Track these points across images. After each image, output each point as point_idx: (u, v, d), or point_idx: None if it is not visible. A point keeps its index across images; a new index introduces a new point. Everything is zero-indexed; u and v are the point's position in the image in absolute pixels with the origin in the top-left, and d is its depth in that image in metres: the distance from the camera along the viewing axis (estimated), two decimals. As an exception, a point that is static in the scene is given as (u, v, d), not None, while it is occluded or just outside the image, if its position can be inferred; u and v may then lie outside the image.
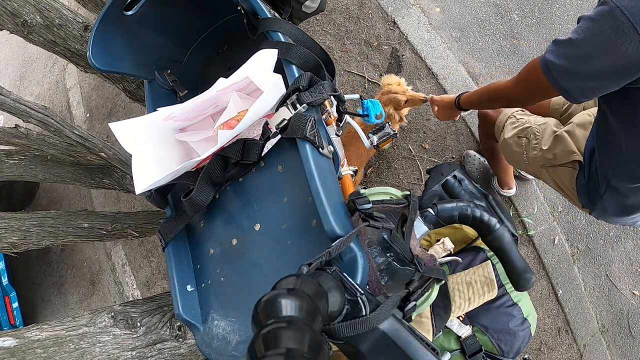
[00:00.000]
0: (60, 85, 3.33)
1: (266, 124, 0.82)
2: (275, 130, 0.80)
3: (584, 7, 1.95)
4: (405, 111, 1.62)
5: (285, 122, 0.78)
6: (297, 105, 0.78)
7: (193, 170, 0.92)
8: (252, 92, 0.97)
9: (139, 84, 1.86)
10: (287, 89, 0.80)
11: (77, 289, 3.14)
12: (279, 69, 0.82)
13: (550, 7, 1.98)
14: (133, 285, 2.77)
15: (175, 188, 0.99)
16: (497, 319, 0.94)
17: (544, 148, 1.13)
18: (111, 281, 2.90)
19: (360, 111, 1.27)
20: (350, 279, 0.61)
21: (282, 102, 0.79)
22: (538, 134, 1.16)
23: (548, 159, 1.13)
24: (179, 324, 1.30)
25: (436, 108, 1.36)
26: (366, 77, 2.09)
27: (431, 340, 0.69)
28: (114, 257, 2.87)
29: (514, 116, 1.26)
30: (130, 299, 2.72)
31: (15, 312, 2.98)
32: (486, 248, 0.98)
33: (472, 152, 1.85)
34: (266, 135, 0.82)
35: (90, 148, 1.80)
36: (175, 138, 0.99)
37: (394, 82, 1.53)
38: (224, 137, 0.82)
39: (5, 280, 3.00)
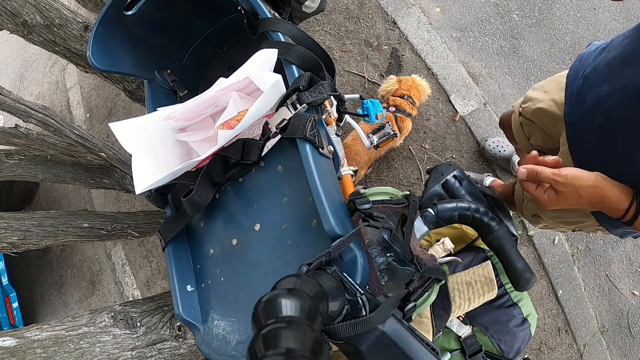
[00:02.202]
0: (60, 85, 3.32)
1: (266, 124, 0.82)
2: (275, 130, 0.80)
3: (584, 7, 1.95)
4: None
5: (285, 122, 0.78)
6: (297, 105, 0.77)
7: (193, 170, 0.92)
8: (252, 92, 0.97)
9: (139, 84, 1.86)
10: (287, 89, 0.80)
11: (77, 289, 3.14)
12: (279, 69, 0.82)
13: (550, 7, 1.99)
14: (133, 285, 2.76)
15: (175, 188, 0.99)
16: (497, 319, 0.94)
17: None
18: (111, 281, 2.90)
19: (360, 111, 1.28)
20: (350, 279, 0.61)
21: (282, 102, 0.79)
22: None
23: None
24: (179, 324, 1.30)
25: (543, 193, 0.69)
26: (366, 77, 2.09)
27: (431, 340, 0.69)
28: (114, 257, 2.87)
29: (525, 197, 1.11)
30: (130, 299, 2.72)
31: (15, 312, 2.98)
32: (486, 248, 0.98)
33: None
34: (266, 135, 0.82)
35: (90, 148, 1.80)
36: (175, 138, 0.99)
37: (420, 86, 1.75)
38: (224, 137, 0.82)
39: (5, 280, 3.00)
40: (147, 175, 0.84)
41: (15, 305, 2.99)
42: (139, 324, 1.22)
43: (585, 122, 0.61)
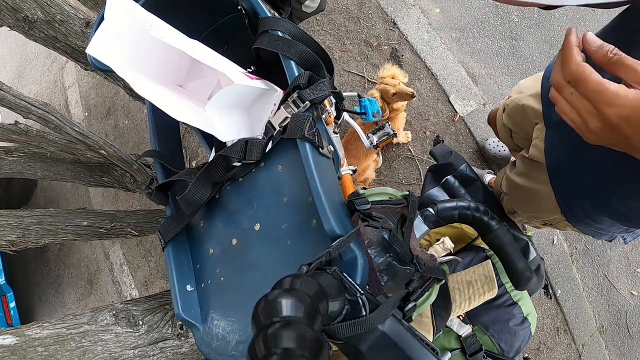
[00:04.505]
0: (58, 84, 3.32)
1: (269, 122, 0.82)
2: (279, 128, 0.80)
3: (583, 9, 1.95)
4: (399, 105, 1.60)
5: (288, 120, 0.78)
6: (300, 103, 0.78)
7: (194, 168, 0.92)
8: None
9: (138, 83, 1.85)
10: (286, 88, 0.80)
11: (75, 288, 3.13)
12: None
13: (550, 8, 1.99)
14: (131, 285, 2.76)
15: (176, 187, 0.99)
16: (498, 318, 0.94)
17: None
18: (109, 281, 2.89)
19: (357, 109, 1.28)
20: (350, 279, 0.61)
21: (283, 100, 0.79)
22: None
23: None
24: (180, 322, 1.30)
25: (593, 118, 0.44)
26: (366, 77, 2.09)
27: (431, 340, 0.69)
28: (112, 257, 2.87)
29: (503, 191, 1.11)
30: (129, 298, 2.72)
31: (12, 311, 2.97)
32: (486, 247, 0.98)
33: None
34: (269, 134, 0.82)
35: (90, 145, 1.79)
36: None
37: (388, 75, 1.53)
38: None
39: (2, 280, 2.99)
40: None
41: (12, 305, 2.98)
42: (140, 323, 1.22)
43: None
